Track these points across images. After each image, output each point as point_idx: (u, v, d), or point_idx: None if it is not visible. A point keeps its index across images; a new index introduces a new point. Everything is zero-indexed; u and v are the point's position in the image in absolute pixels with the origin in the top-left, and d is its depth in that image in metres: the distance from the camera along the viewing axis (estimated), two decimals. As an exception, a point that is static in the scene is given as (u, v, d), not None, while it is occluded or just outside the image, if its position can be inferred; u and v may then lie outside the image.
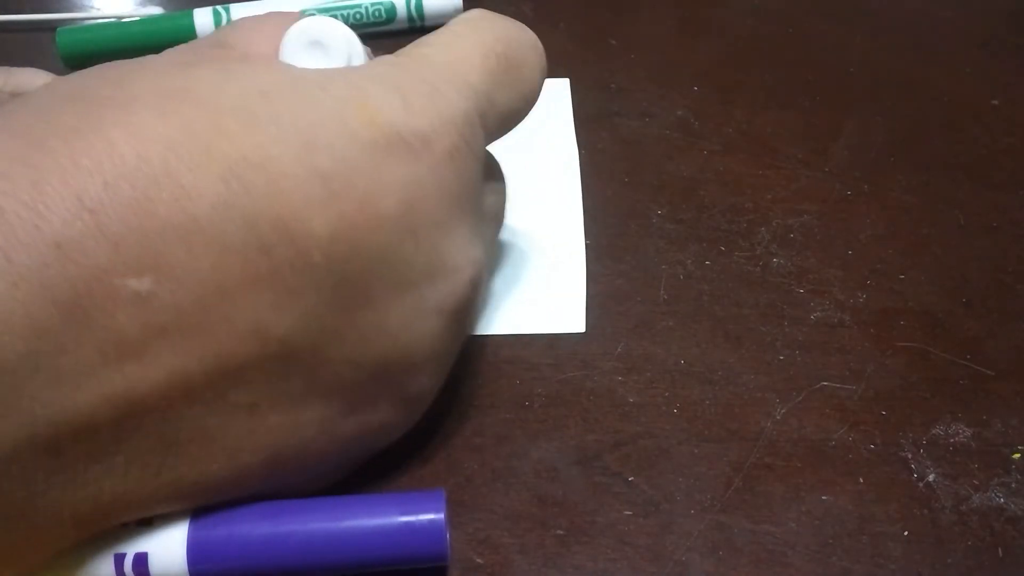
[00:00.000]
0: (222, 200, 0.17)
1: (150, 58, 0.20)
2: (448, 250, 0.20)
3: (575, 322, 0.28)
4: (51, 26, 0.38)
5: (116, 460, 0.17)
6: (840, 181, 0.32)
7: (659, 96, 0.36)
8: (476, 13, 0.24)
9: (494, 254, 0.29)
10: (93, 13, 0.40)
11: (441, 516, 0.20)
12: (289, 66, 0.20)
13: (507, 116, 0.23)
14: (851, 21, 0.40)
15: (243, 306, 0.17)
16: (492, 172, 0.25)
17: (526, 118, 0.24)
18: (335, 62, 0.21)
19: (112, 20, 0.38)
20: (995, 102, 0.36)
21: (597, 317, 0.28)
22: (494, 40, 0.23)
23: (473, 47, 0.22)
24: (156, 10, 0.40)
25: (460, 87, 0.21)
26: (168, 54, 0.21)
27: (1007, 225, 0.31)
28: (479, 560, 0.22)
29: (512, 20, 0.24)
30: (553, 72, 0.37)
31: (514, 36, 0.23)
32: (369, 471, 0.23)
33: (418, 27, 0.39)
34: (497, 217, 0.26)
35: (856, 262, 0.30)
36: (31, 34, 0.39)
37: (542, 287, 0.29)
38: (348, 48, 0.21)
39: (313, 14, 0.33)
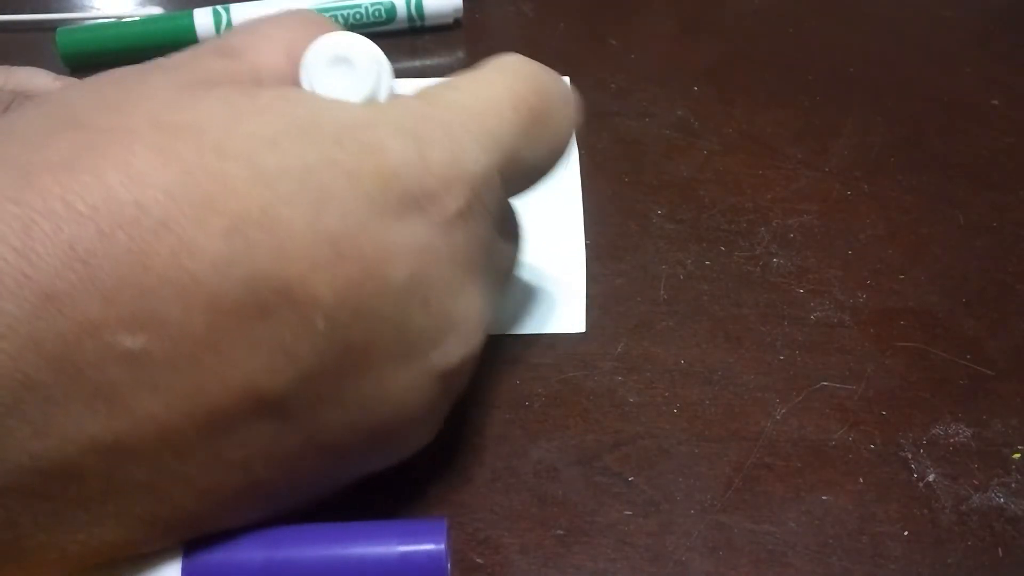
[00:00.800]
0: (223, 258, 0.16)
1: (152, 71, 0.19)
2: (457, 313, 0.20)
3: (575, 322, 0.28)
4: (51, 26, 0.38)
5: (106, 508, 0.17)
6: (840, 181, 0.32)
7: (659, 96, 0.36)
8: (512, 59, 0.22)
9: (500, 308, 0.27)
10: (93, 13, 0.40)
11: (442, 547, 0.19)
12: (304, 104, 0.19)
13: (532, 171, 0.22)
14: (851, 21, 0.40)
15: (238, 367, 0.17)
16: (507, 227, 0.24)
17: None
18: (362, 85, 0.20)
19: (112, 20, 0.38)
20: (995, 102, 0.36)
21: (597, 317, 0.28)
22: (528, 90, 0.21)
23: (505, 97, 0.21)
24: (156, 10, 0.40)
25: (485, 142, 0.20)
26: (172, 68, 0.19)
27: (1007, 225, 0.31)
28: (479, 560, 0.22)
29: (546, 68, 0.23)
30: (553, 72, 0.37)
31: (548, 86, 0.22)
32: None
33: (418, 27, 0.39)
34: (507, 273, 0.24)
35: (856, 262, 0.30)
36: (31, 34, 0.39)
37: (542, 287, 0.29)
38: (377, 70, 0.20)
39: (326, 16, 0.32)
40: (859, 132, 0.34)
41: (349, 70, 0.20)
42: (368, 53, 0.20)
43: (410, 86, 0.22)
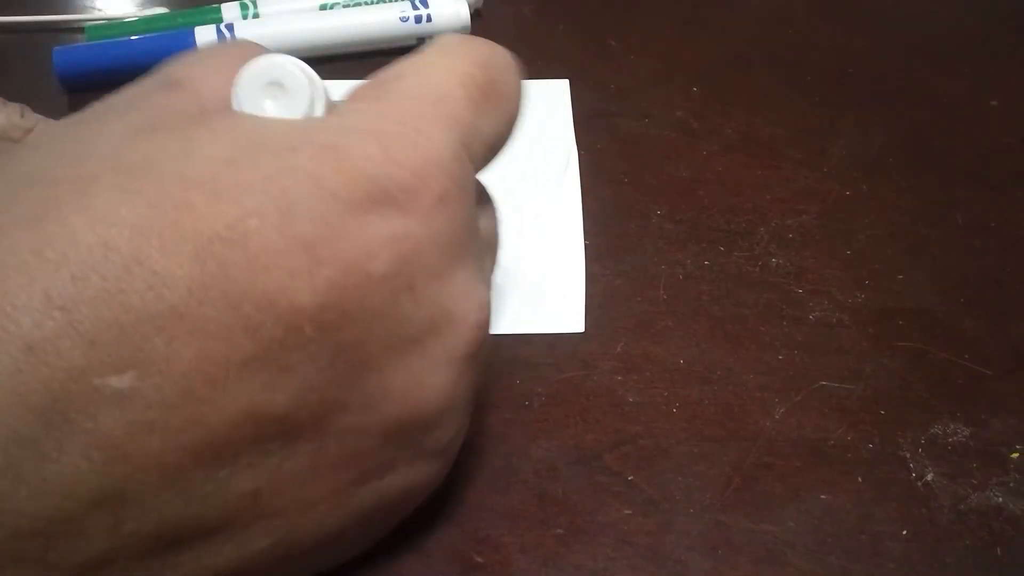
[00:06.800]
0: (199, 283, 0.16)
1: (104, 116, 0.19)
2: (450, 298, 0.19)
3: (575, 322, 0.28)
4: (51, 27, 0.38)
5: (113, 568, 0.16)
6: (839, 181, 0.32)
7: (659, 96, 0.36)
8: (449, 39, 0.22)
9: (494, 281, 0.27)
10: (95, 14, 0.40)
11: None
12: (252, 122, 0.19)
13: (493, 142, 0.22)
14: (851, 21, 0.40)
15: (233, 391, 0.16)
16: (482, 197, 0.23)
17: (525, 120, 0.23)
18: (297, 105, 0.20)
19: (111, 30, 0.38)
20: (994, 102, 0.36)
21: (597, 317, 0.28)
22: (471, 65, 0.21)
23: (451, 76, 0.21)
24: (160, 10, 0.40)
25: (443, 123, 0.20)
26: (123, 110, 0.19)
27: (1006, 225, 0.31)
28: (479, 559, 0.22)
29: (484, 41, 0.22)
30: (553, 72, 0.37)
31: (490, 58, 0.22)
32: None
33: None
34: (493, 244, 0.24)
35: (855, 262, 0.30)
36: (32, 35, 0.39)
37: (542, 287, 0.29)
38: (311, 90, 0.20)
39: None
40: (858, 132, 0.35)
41: (282, 93, 0.19)
42: (299, 75, 0.20)
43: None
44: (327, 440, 0.18)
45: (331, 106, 0.20)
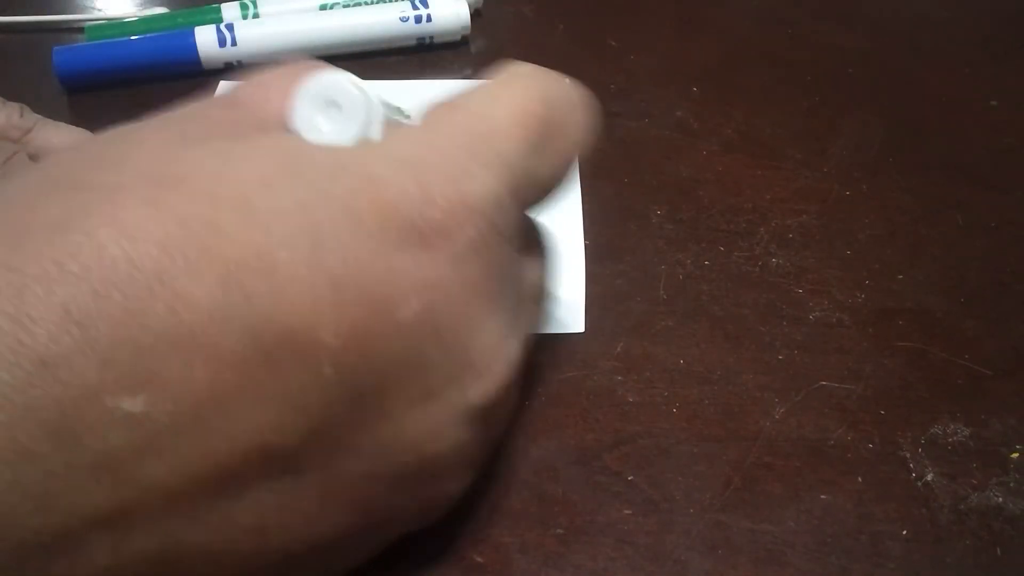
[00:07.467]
0: (221, 309, 0.15)
1: (154, 127, 0.19)
2: (477, 349, 0.19)
3: (574, 322, 0.28)
4: (51, 27, 0.38)
5: None
6: (839, 181, 0.32)
7: (659, 96, 0.36)
8: (518, 70, 0.21)
9: (535, 335, 0.26)
10: (95, 14, 0.40)
11: None
12: (293, 144, 0.18)
13: (547, 185, 0.21)
14: (851, 21, 0.40)
15: (245, 423, 0.16)
16: (532, 245, 0.22)
17: None
18: (351, 124, 0.19)
19: (110, 30, 0.38)
20: (994, 102, 0.36)
21: (596, 317, 0.28)
22: (535, 102, 0.20)
23: (511, 112, 0.20)
24: (160, 10, 0.40)
25: (492, 163, 0.19)
26: (175, 122, 0.19)
27: (1006, 225, 0.31)
28: (479, 559, 0.22)
29: (556, 75, 0.21)
30: (553, 73, 0.37)
31: (556, 95, 0.21)
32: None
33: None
34: (538, 296, 0.23)
35: (855, 262, 0.30)
36: (32, 35, 0.39)
37: (542, 287, 0.29)
38: (366, 110, 0.19)
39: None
40: (858, 132, 0.35)
41: (337, 113, 0.19)
42: (355, 94, 0.19)
43: (431, 88, 0.21)
44: (336, 483, 0.18)
45: (389, 126, 0.20)
